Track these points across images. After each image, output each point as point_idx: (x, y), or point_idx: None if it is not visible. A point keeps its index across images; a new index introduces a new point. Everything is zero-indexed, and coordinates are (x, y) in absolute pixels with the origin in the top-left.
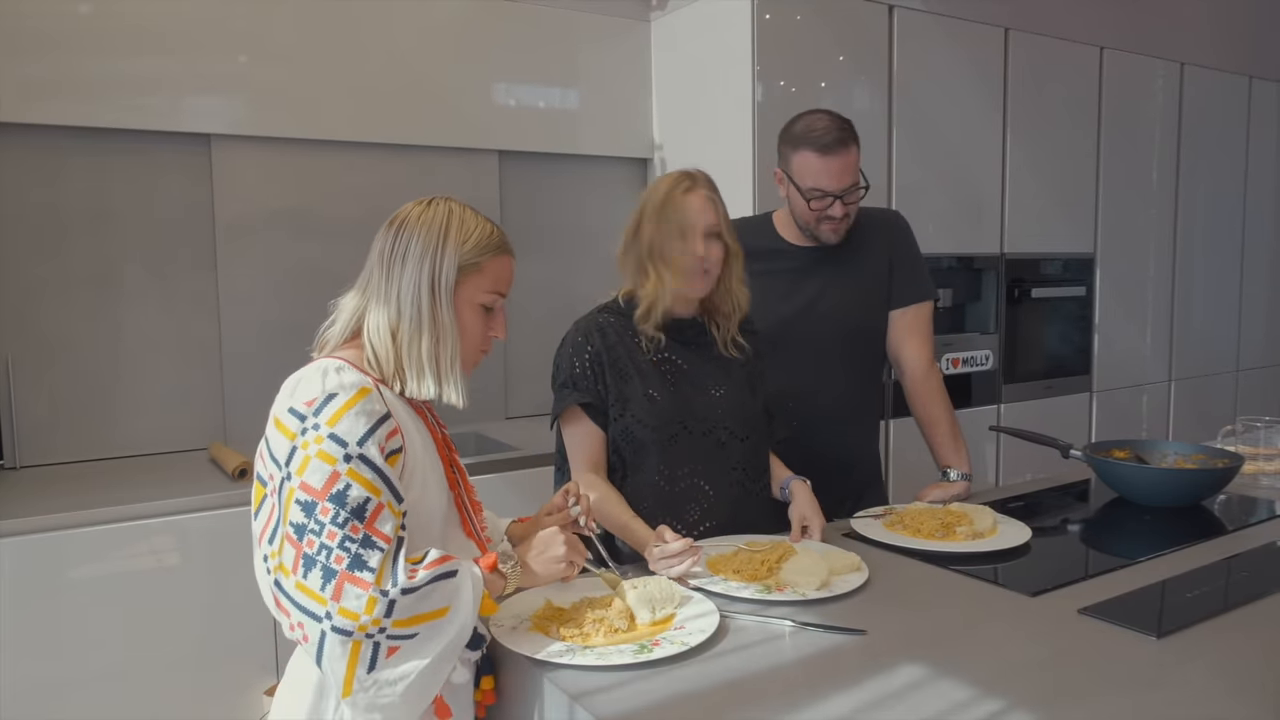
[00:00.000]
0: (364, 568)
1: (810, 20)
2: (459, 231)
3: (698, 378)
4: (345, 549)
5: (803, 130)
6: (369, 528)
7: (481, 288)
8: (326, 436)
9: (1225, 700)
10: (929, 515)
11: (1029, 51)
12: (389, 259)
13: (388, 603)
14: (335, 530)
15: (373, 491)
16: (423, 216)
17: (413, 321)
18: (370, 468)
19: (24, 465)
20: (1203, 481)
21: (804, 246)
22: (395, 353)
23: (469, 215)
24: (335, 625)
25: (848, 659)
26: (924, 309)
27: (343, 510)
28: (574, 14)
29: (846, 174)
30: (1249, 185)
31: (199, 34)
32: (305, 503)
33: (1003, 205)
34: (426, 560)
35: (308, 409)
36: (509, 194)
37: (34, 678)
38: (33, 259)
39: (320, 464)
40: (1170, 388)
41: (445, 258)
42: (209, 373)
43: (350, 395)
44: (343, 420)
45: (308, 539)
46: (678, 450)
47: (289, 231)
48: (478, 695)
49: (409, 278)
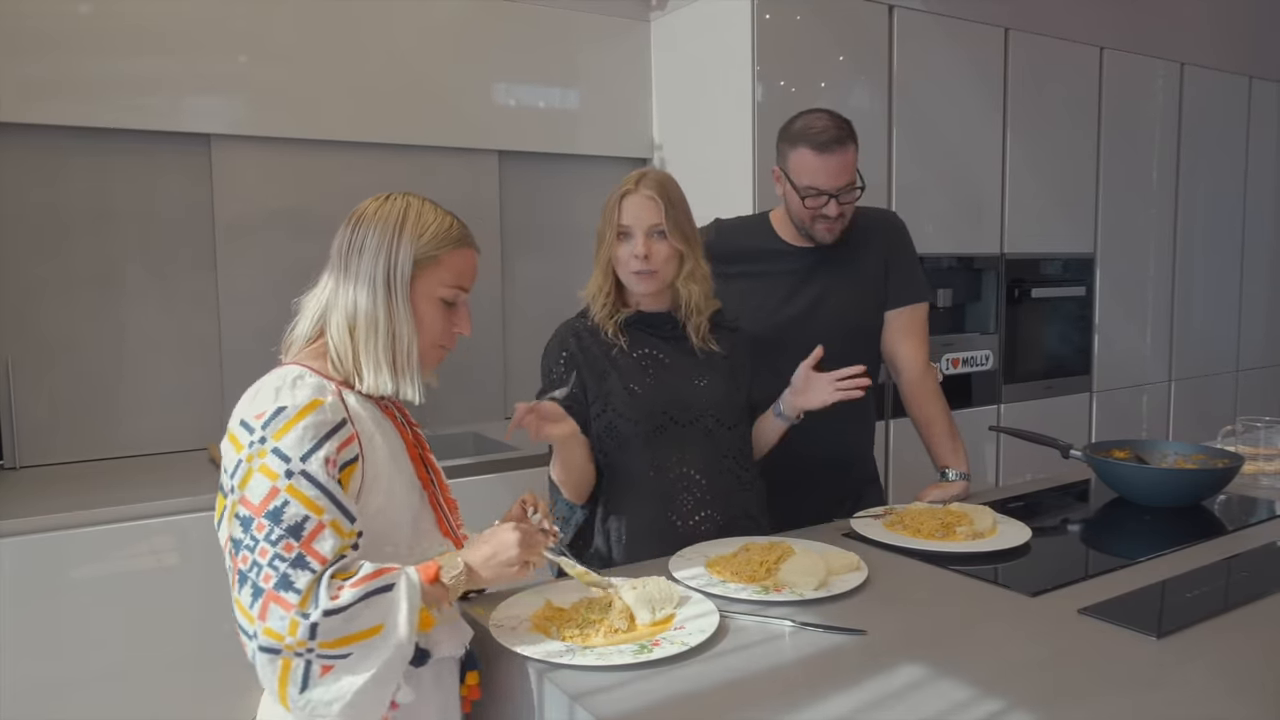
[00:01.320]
0: (290, 588)
1: (810, 20)
2: (415, 224)
3: (680, 369)
4: (274, 567)
5: (801, 128)
6: (304, 546)
7: (440, 281)
8: (270, 451)
9: (1225, 700)
10: (929, 515)
11: (1029, 51)
12: (345, 254)
13: (309, 625)
14: (268, 547)
15: (313, 510)
16: (379, 211)
17: (369, 316)
18: (313, 485)
19: (24, 465)
20: (1203, 481)
21: (801, 247)
22: (353, 348)
23: (427, 208)
24: (261, 644)
25: (847, 659)
26: (919, 310)
27: (278, 528)
28: (574, 14)
29: (843, 173)
30: (1249, 185)
31: (199, 34)
32: (244, 518)
33: (1003, 205)
34: (358, 575)
35: (257, 422)
36: (509, 194)
37: (34, 678)
38: (33, 259)
39: (261, 479)
40: (1170, 388)
41: (400, 251)
42: (209, 373)
43: (300, 407)
44: (289, 435)
45: (243, 555)
46: (664, 441)
47: (289, 231)
48: (463, 691)
49: (365, 272)
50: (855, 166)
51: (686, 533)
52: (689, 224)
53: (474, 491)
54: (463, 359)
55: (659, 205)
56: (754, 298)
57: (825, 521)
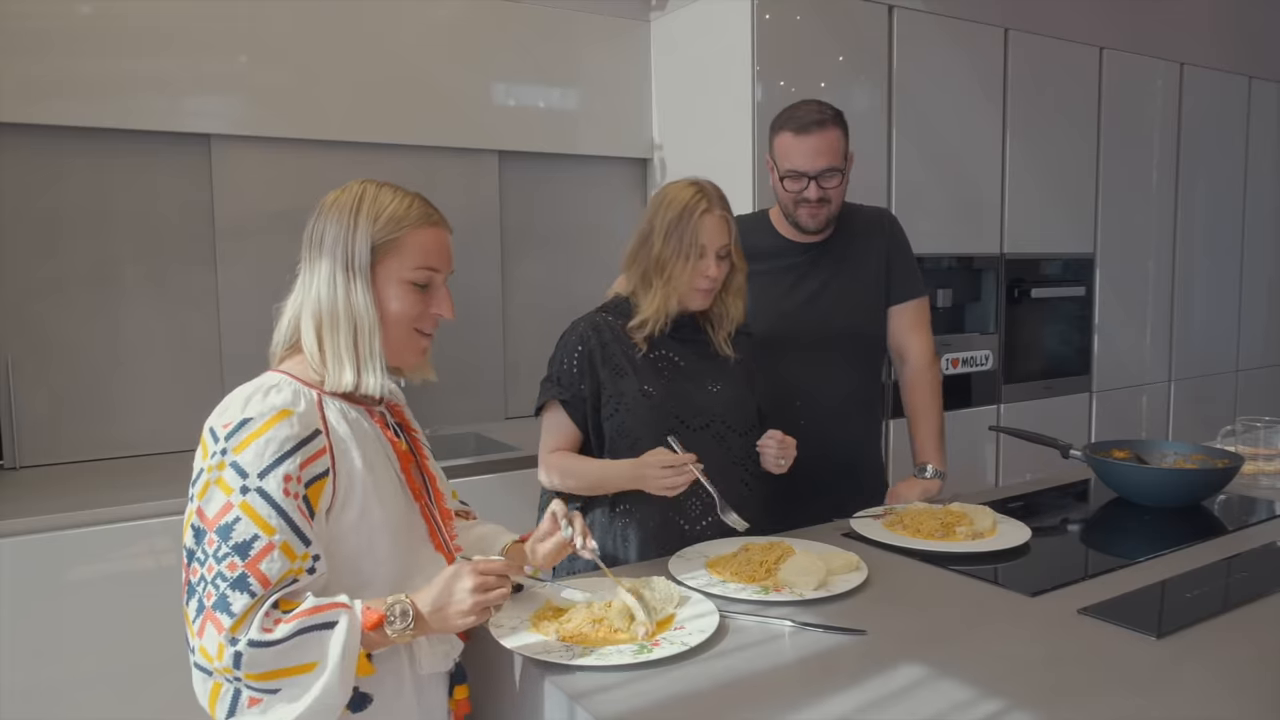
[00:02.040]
0: (226, 609)
1: (810, 20)
2: (370, 208)
3: (695, 374)
4: (216, 585)
5: (786, 114)
6: (249, 566)
7: (405, 264)
8: (229, 464)
9: (1225, 700)
10: (929, 515)
11: (1029, 51)
12: (308, 250)
13: (234, 653)
14: (214, 564)
15: (263, 529)
16: (336, 200)
17: (330, 309)
18: (267, 503)
19: (24, 465)
20: (1202, 481)
21: (801, 243)
22: (319, 347)
23: (384, 191)
24: (196, 661)
25: (847, 659)
26: (923, 304)
27: (225, 544)
28: (574, 14)
29: (821, 156)
30: (1249, 185)
31: (199, 34)
32: (197, 529)
33: (1003, 205)
34: (300, 607)
35: (223, 431)
36: (509, 194)
37: (34, 678)
38: (33, 259)
39: (218, 492)
40: (1170, 388)
41: (357, 237)
42: (209, 373)
43: (264, 421)
44: (249, 448)
45: (193, 566)
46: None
47: (289, 232)
48: (451, 705)
49: (326, 264)
50: (840, 152)
51: (693, 537)
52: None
53: (474, 491)
54: (463, 359)
55: (731, 227)
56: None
57: (822, 523)
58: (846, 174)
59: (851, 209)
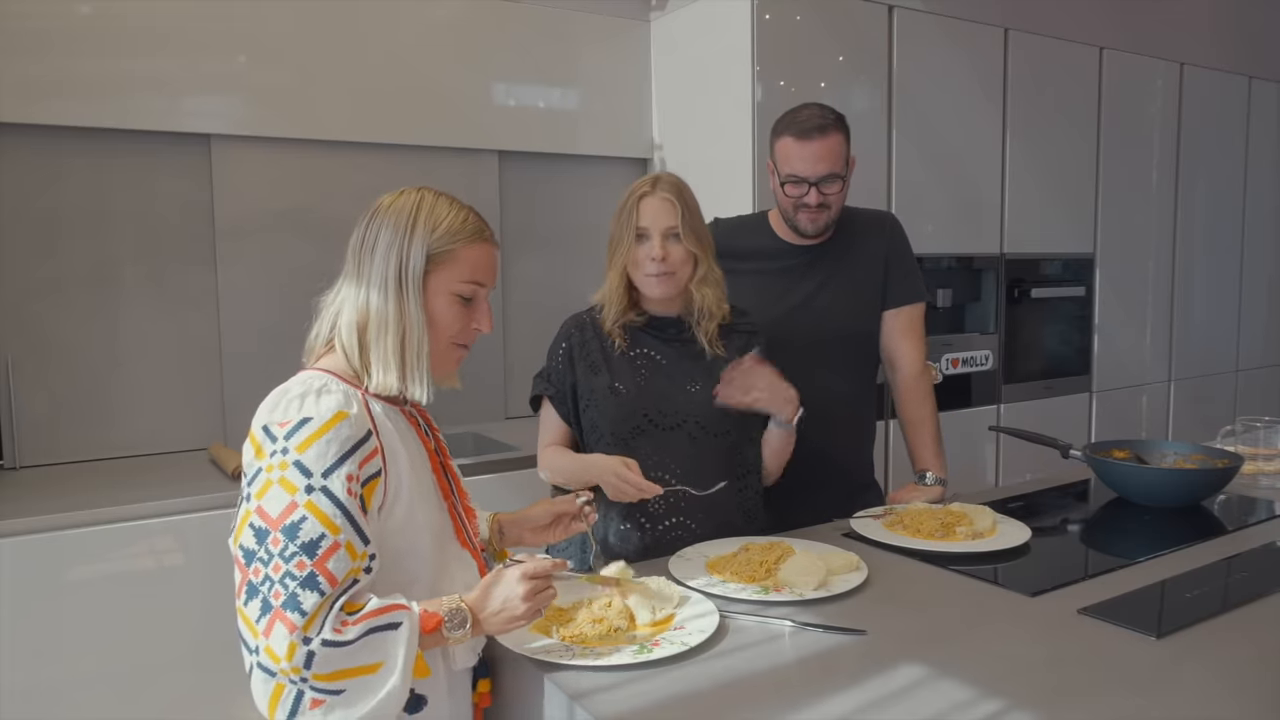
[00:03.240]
0: (297, 608)
1: (810, 20)
2: (428, 219)
3: (673, 373)
4: (284, 585)
5: (787, 119)
6: (317, 565)
7: (456, 277)
8: (292, 464)
9: (1225, 700)
10: (929, 515)
11: (1029, 51)
12: (358, 251)
13: (307, 653)
14: (281, 563)
15: (330, 528)
16: (393, 205)
17: (379, 314)
18: (332, 502)
19: (24, 465)
20: (1202, 481)
21: (799, 245)
22: (360, 347)
23: (441, 202)
24: (260, 661)
25: (847, 659)
26: (918, 310)
27: (292, 544)
28: (574, 14)
29: (822, 161)
30: (1249, 185)
31: (199, 34)
32: (259, 529)
33: (1003, 205)
34: (365, 609)
35: (280, 431)
36: (509, 194)
37: (34, 678)
38: (33, 259)
39: (280, 491)
40: (1170, 388)
41: (413, 246)
42: (209, 373)
43: (325, 420)
44: (312, 448)
45: (255, 566)
46: (642, 443)
47: (289, 232)
48: (475, 698)
49: (378, 269)
50: (842, 158)
51: (654, 538)
52: (703, 228)
53: (474, 491)
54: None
55: (676, 208)
56: (752, 295)
57: (822, 522)
58: (848, 179)
59: (852, 212)
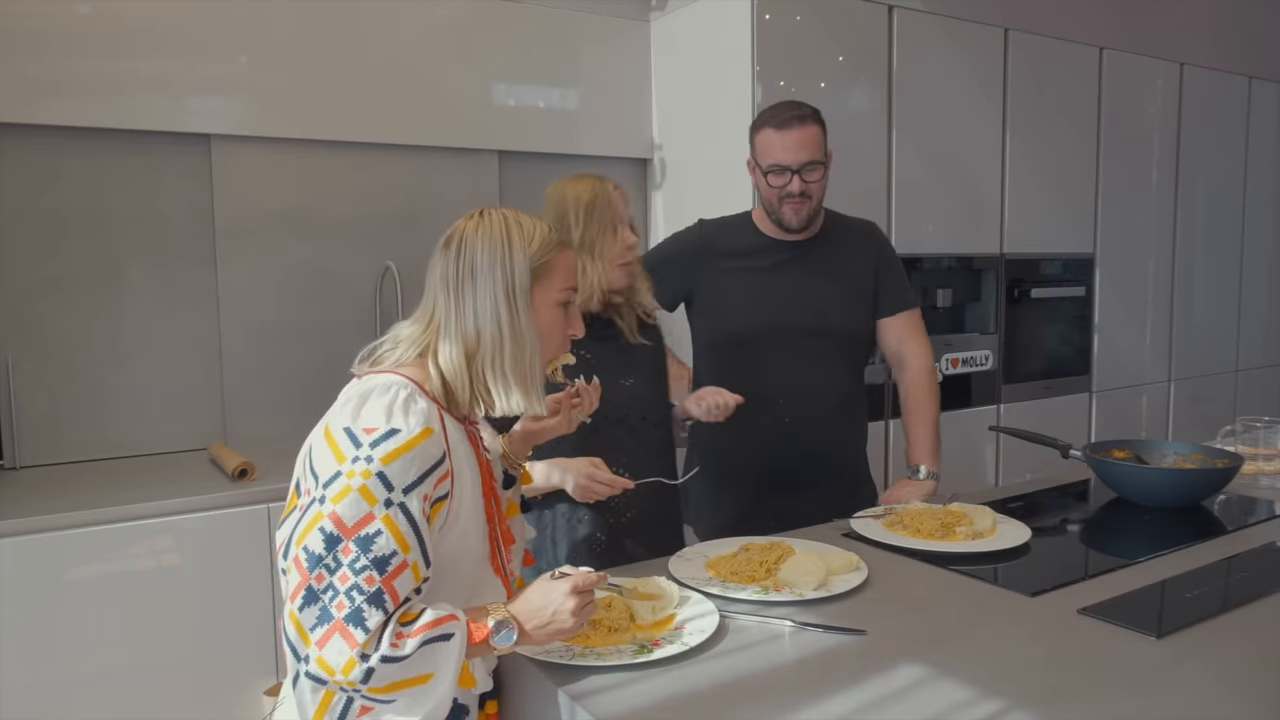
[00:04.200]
0: (360, 624)
1: (810, 20)
2: (521, 235)
3: (608, 368)
4: (350, 597)
5: (766, 114)
6: (385, 583)
7: (555, 286)
8: (375, 473)
9: (1225, 700)
10: (929, 515)
11: (1029, 51)
12: (456, 281)
13: (366, 669)
14: (349, 575)
15: (402, 547)
16: (480, 229)
17: (494, 338)
18: (408, 520)
19: (24, 465)
20: (1203, 481)
21: (785, 240)
22: (471, 377)
23: (524, 218)
24: (309, 671)
25: (848, 659)
26: (915, 314)
27: (365, 556)
28: (574, 14)
29: (803, 149)
30: (1249, 185)
31: (199, 34)
32: (330, 535)
33: (1003, 205)
34: (421, 621)
35: (366, 437)
36: (509, 194)
37: (34, 678)
38: (33, 259)
39: (359, 500)
40: (1170, 388)
41: (515, 263)
42: (209, 373)
43: (414, 434)
44: (397, 461)
45: (319, 573)
46: (597, 441)
47: (289, 231)
48: (481, 718)
49: (484, 295)
50: (821, 147)
51: (620, 530)
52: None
53: None
54: None
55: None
56: (735, 288)
57: (820, 522)
58: (827, 170)
59: (836, 216)
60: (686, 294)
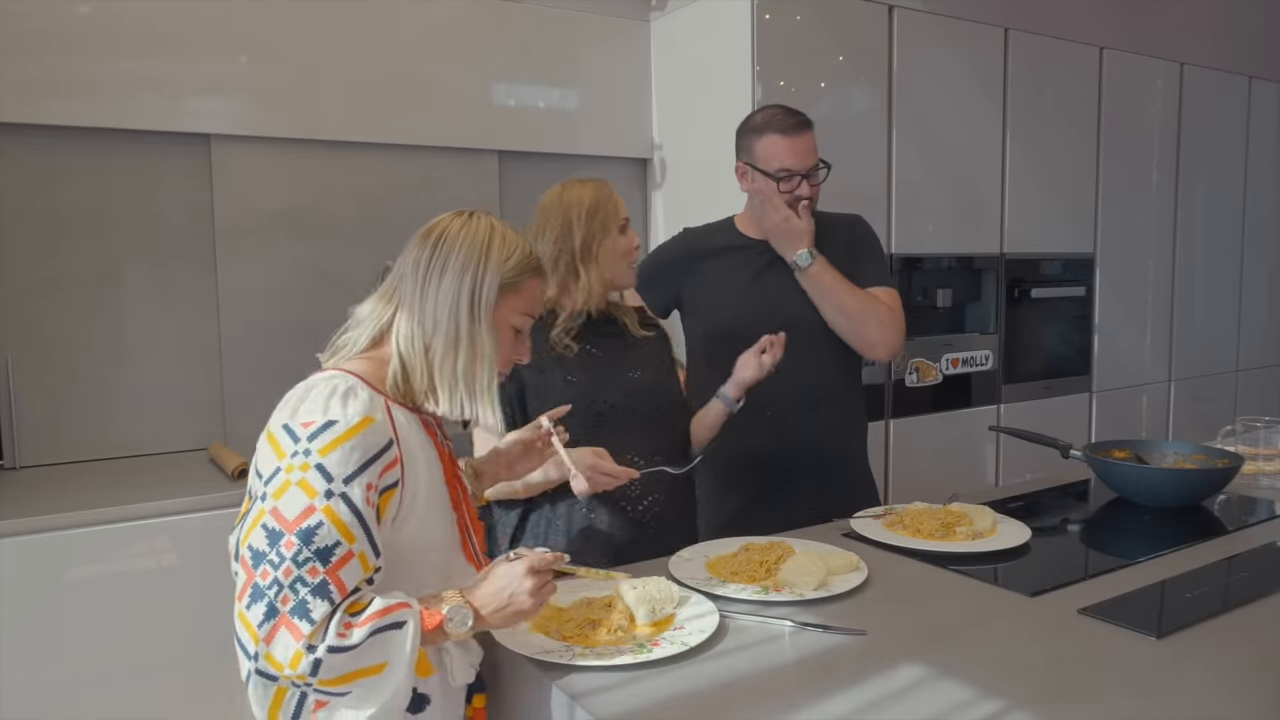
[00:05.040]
0: (305, 616)
1: (810, 20)
2: (501, 249)
3: (614, 363)
4: (294, 590)
5: (764, 119)
6: (330, 573)
7: (517, 309)
8: (314, 466)
9: (1225, 700)
10: (929, 515)
11: (1029, 51)
12: (425, 271)
13: (313, 661)
14: (292, 568)
15: (346, 537)
16: (464, 230)
17: (448, 337)
18: (351, 510)
19: (24, 465)
20: (1203, 481)
21: (767, 241)
22: (427, 368)
23: (510, 233)
24: (259, 668)
25: (848, 659)
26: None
27: (307, 549)
28: (574, 14)
29: (810, 154)
30: (1249, 185)
31: (199, 34)
32: (272, 530)
33: (1003, 205)
34: (369, 610)
35: (303, 431)
36: (509, 194)
37: (34, 678)
38: (33, 259)
39: (299, 494)
40: (1170, 388)
41: (487, 274)
42: (209, 373)
43: (351, 424)
44: (336, 452)
45: (263, 569)
46: (609, 430)
47: (289, 232)
48: (469, 713)
49: (447, 292)
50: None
51: (638, 516)
52: None
53: None
54: None
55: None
56: (720, 286)
57: (818, 521)
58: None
59: (820, 214)
60: (676, 300)
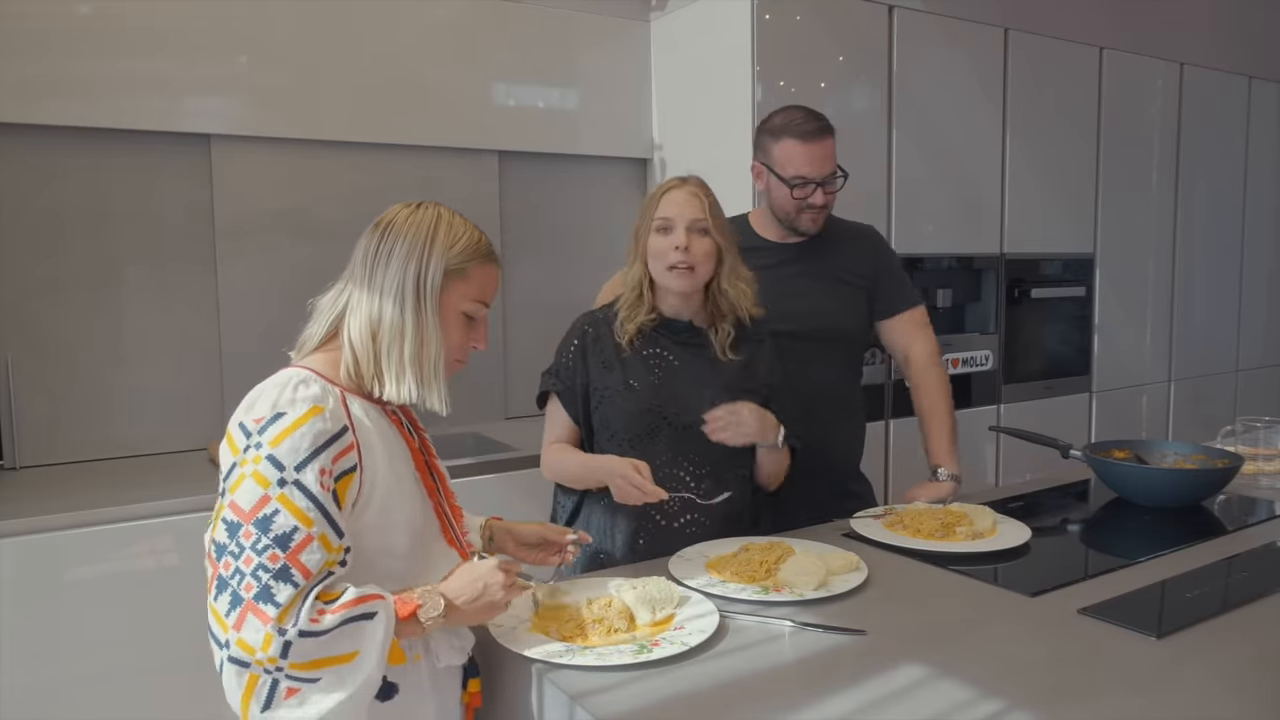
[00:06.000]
0: (270, 600)
1: (810, 20)
2: (446, 235)
3: (687, 375)
4: (257, 577)
5: (784, 121)
6: (290, 558)
7: (466, 295)
8: (265, 458)
9: (1225, 700)
10: (929, 515)
11: (1029, 51)
12: (372, 259)
13: (283, 643)
14: (253, 556)
15: (303, 521)
16: (410, 219)
17: (394, 323)
18: (305, 495)
19: (24, 465)
20: (1203, 481)
21: (780, 243)
22: (375, 354)
23: (457, 220)
24: (231, 655)
25: (847, 659)
26: (921, 310)
27: (265, 536)
28: (574, 14)
29: (827, 162)
30: (1249, 185)
31: (199, 34)
32: (230, 523)
33: (1003, 205)
34: (342, 599)
35: (254, 426)
36: (509, 194)
37: (34, 678)
38: (32, 259)
39: (253, 485)
40: (1170, 388)
41: (431, 261)
42: (209, 373)
43: (299, 414)
44: (285, 442)
45: (225, 560)
46: (657, 441)
47: (289, 232)
48: (465, 698)
49: (392, 278)
50: (835, 157)
51: (670, 533)
52: (728, 227)
53: (474, 492)
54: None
55: (703, 202)
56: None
57: (817, 520)
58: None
59: (832, 219)
60: None
